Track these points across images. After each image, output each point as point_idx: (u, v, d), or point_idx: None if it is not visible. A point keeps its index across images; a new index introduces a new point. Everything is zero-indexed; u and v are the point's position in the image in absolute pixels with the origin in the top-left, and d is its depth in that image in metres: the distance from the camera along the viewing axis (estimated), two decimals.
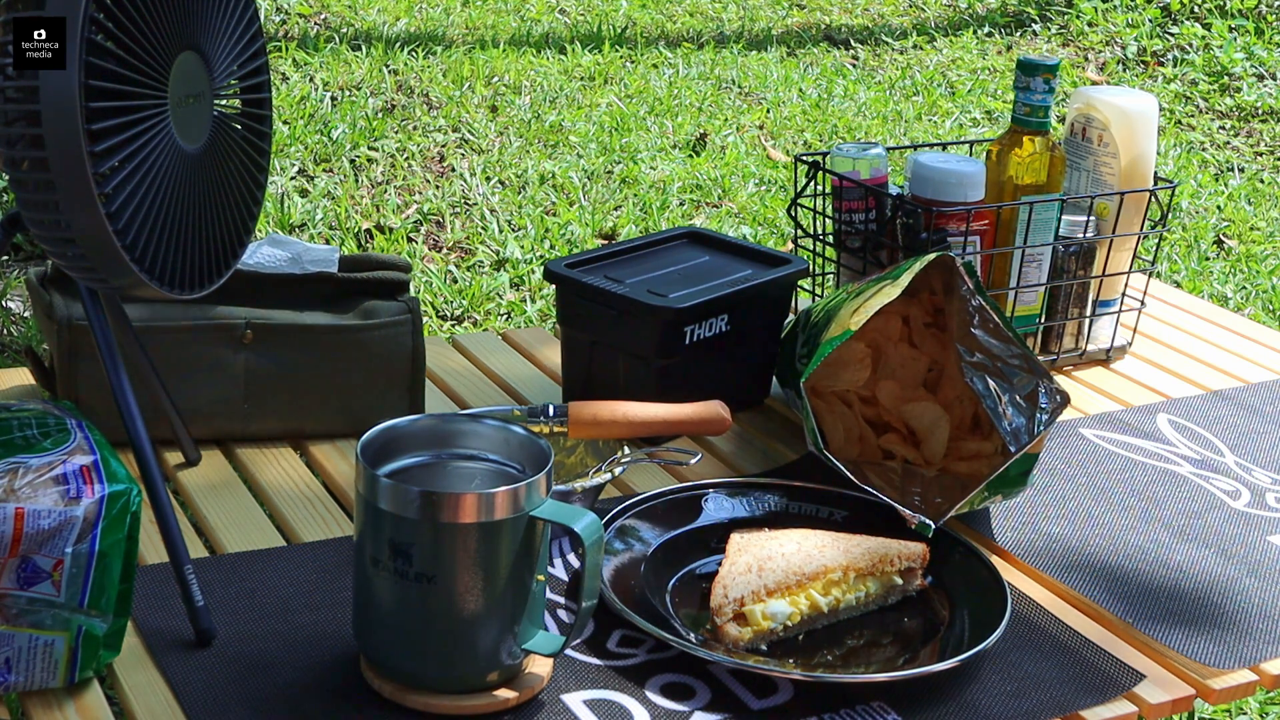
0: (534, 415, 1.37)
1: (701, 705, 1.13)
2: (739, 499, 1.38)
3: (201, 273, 1.19)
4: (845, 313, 1.40)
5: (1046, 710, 1.16)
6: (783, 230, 3.40)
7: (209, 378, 1.42)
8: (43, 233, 1.08)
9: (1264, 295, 3.38)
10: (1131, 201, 1.72)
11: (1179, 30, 5.08)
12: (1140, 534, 1.42)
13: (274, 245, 1.47)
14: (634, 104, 4.09)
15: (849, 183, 1.65)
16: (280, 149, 3.51)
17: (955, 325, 1.46)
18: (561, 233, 3.28)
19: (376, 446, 1.12)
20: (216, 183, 1.20)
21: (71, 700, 1.09)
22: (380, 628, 1.10)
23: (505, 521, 1.07)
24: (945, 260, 1.42)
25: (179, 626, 1.16)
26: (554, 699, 1.12)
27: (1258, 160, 4.33)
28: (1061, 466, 1.53)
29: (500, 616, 1.09)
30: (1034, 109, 1.65)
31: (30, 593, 1.06)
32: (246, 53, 1.22)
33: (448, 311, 2.97)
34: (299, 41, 4.25)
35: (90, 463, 1.09)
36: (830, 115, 4.18)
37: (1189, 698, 1.21)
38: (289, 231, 3.19)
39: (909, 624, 1.26)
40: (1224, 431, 1.64)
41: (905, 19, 5.26)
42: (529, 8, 4.89)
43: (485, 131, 3.77)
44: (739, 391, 1.58)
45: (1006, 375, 1.42)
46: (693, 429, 1.41)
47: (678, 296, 1.49)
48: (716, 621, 1.19)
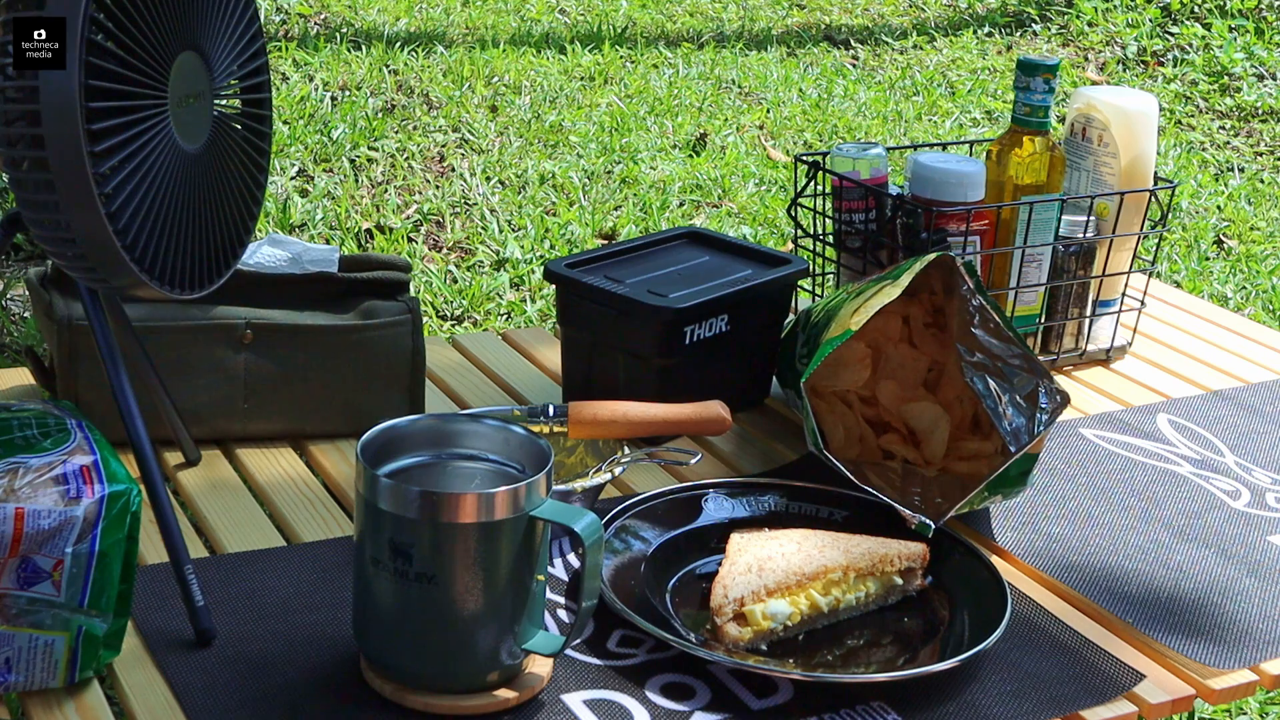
0: (534, 415, 1.37)
1: (701, 705, 1.13)
2: (739, 499, 1.38)
3: (201, 273, 1.19)
4: (845, 313, 1.40)
5: (1046, 710, 1.16)
6: (783, 230, 3.40)
7: (209, 378, 1.42)
8: (43, 233, 1.08)
9: (1264, 295, 3.38)
10: (1131, 201, 1.72)
11: (1179, 30, 5.08)
12: (1140, 534, 1.42)
13: (274, 245, 1.47)
14: (634, 104, 4.09)
15: (849, 183, 1.65)
16: (280, 149, 3.51)
17: (955, 325, 1.46)
18: (561, 233, 3.28)
19: (376, 446, 1.12)
20: (216, 183, 1.20)
21: (71, 700, 1.09)
22: (380, 628, 1.10)
23: (505, 521, 1.07)
24: (945, 260, 1.42)
25: (179, 626, 1.16)
26: (554, 699, 1.12)
27: (1258, 160, 4.32)
28: (1061, 466, 1.53)
29: (500, 616, 1.09)
30: (1034, 109, 1.65)
31: (30, 593, 1.06)
32: (246, 53, 1.22)
33: (448, 311, 2.97)
34: (299, 41, 4.25)
35: (90, 463, 1.09)
36: (830, 115, 4.18)
37: (1189, 698, 1.21)
38: (289, 231, 3.18)
39: (909, 624, 1.26)
40: (1224, 431, 1.64)
41: (905, 19, 5.26)
42: (529, 8, 4.89)
43: (485, 131, 3.77)
44: (739, 391, 1.58)
45: (1006, 375, 1.42)
46: (693, 429, 1.41)
47: (678, 296, 1.49)
48: (716, 621, 1.19)
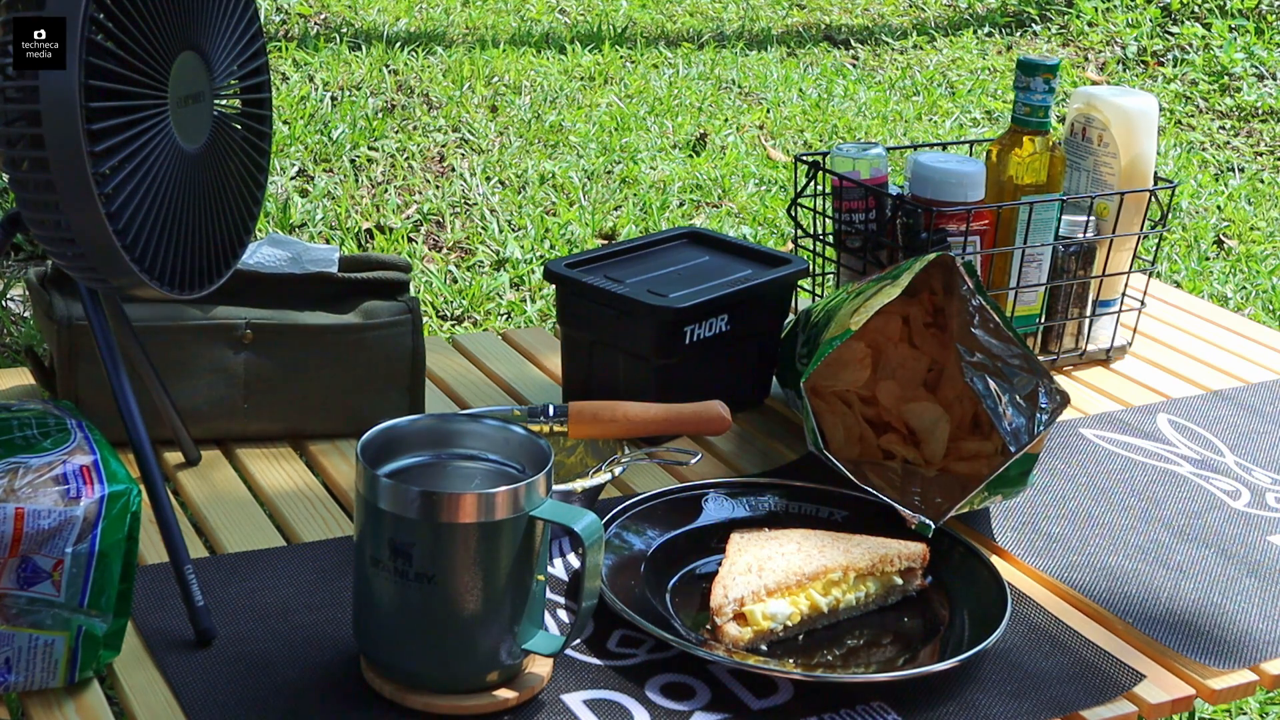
0: (534, 415, 1.37)
1: (701, 705, 1.13)
2: (739, 499, 1.38)
3: (201, 273, 1.19)
4: (845, 313, 1.40)
5: (1046, 710, 1.16)
6: (783, 230, 3.40)
7: (209, 378, 1.42)
8: (43, 233, 1.08)
9: (1264, 295, 3.38)
10: (1131, 201, 1.72)
11: (1179, 30, 5.08)
12: (1140, 534, 1.42)
13: (274, 245, 1.47)
14: (634, 104, 4.09)
15: (849, 183, 1.65)
16: (280, 149, 3.51)
17: (955, 325, 1.46)
18: (561, 233, 3.28)
19: (376, 446, 1.12)
20: (216, 183, 1.20)
21: (71, 700, 1.09)
22: (380, 628, 1.10)
23: (505, 521, 1.06)
24: (945, 260, 1.42)
25: (179, 626, 1.16)
26: (554, 699, 1.12)
27: (1258, 160, 4.32)
28: (1061, 466, 1.53)
29: (500, 616, 1.09)
30: (1034, 109, 1.65)
31: (30, 593, 1.06)
32: (246, 53, 1.22)
33: (448, 311, 2.97)
34: (299, 41, 4.25)
35: (90, 463, 1.09)
36: (830, 115, 4.18)
37: (1189, 698, 1.21)
38: (289, 231, 3.18)
39: (909, 624, 1.26)
40: (1224, 431, 1.64)
41: (905, 19, 5.26)
42: (529, 8, 4.89)
43: (485, 131, 3.77)
44: (739, 391, 1.58)
45: (1007, 375, 1.42)
46: (693, 429, 1.41)
47: (678, 296, 1.49)
48: (716, 621, 1.19)
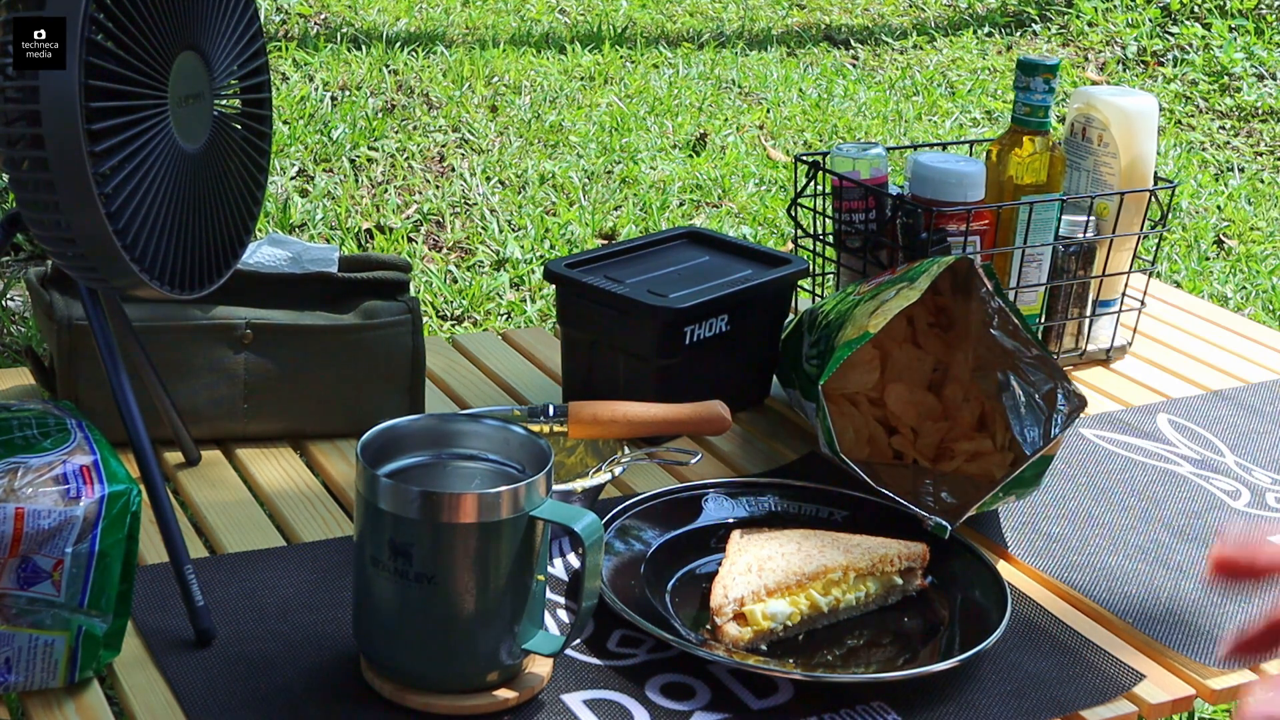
0: (534, 415, 1.37)
1: (701, 705, 1.13)
2: (739, 499, 1.37)
3: (201, 273, 1.19)
4: (862, 315, 1.40)
5: (1046, 710, 1.16)
6: (783, 230, 3.40)
7: (209, 378, 1.42)
8: (43, 233, 1.08)
9: (1264, 295, 3.38)
10: (1131, 201, 1.72)
11: (1179, 30, 5.08)
12: (1140, 534, 1.42)
13: (274, 245, 1.46)
14: (634, 104, 4.09)
15: (849, 183, 1.65)
16: (280, 149, 3.51)
17: (974, 327, 1.46)
18: (561, 233, 3.28)
19: (376, 446, 1.12)
20: (216, 183, 1.20)
21: (71, 700, 1.09)
22: (380, 628, 1.10)
23: (505, 521, 1.06)
24: (963, 263, 1.41)
25: (179, 626, 1.16)
26: (554, 699, 1.12)
27: (1258, 160, 4.32)
28: (1061, 466, 1.53)
29: (500, 616, 1.09)
30: (1034, 109, 1.65)
31: (30, 593, 1.06)
32: (246, 53, 1.22)
33: (448, 311, 2.97)
34: (299, 41, 4.25)
35: (90, 463, 1.09)
36: (830, 115, 4.18)
37: (1189, 698, 1.20)
38: (289, 231, 3.18)
39: (909, 624, 1.26)
40: (1224, 431, 1.64)
41: (905, 19, 5.26)
42: (529, 8, 4.89)
43: (485, 131, 3.77)
44: (739, 391, 1.58)
45: (1026, 376, 1.42)
46: (693, 429, 1.41)
47: (678, 296, 1.49)
48: (716, 621, 1.19)
